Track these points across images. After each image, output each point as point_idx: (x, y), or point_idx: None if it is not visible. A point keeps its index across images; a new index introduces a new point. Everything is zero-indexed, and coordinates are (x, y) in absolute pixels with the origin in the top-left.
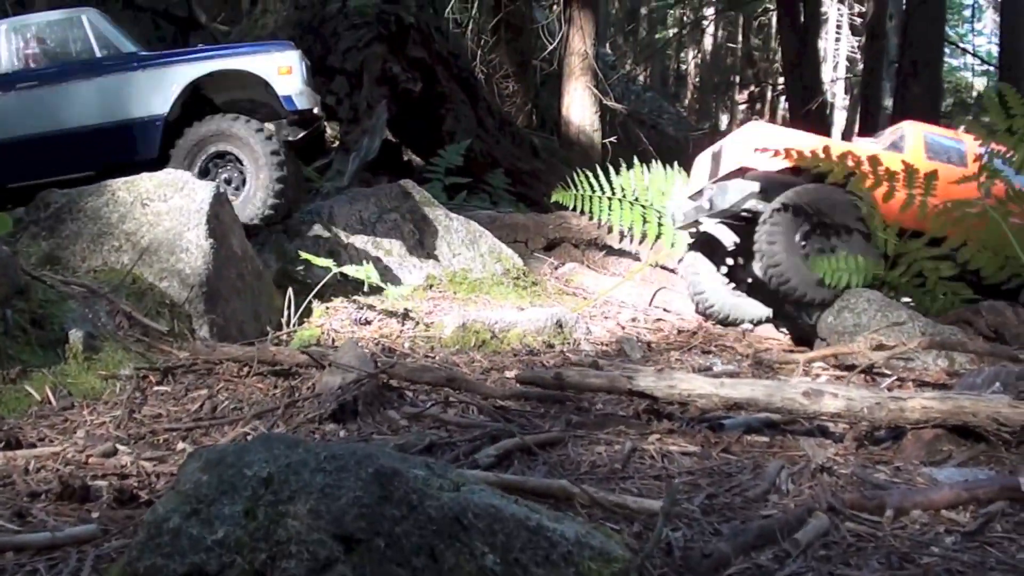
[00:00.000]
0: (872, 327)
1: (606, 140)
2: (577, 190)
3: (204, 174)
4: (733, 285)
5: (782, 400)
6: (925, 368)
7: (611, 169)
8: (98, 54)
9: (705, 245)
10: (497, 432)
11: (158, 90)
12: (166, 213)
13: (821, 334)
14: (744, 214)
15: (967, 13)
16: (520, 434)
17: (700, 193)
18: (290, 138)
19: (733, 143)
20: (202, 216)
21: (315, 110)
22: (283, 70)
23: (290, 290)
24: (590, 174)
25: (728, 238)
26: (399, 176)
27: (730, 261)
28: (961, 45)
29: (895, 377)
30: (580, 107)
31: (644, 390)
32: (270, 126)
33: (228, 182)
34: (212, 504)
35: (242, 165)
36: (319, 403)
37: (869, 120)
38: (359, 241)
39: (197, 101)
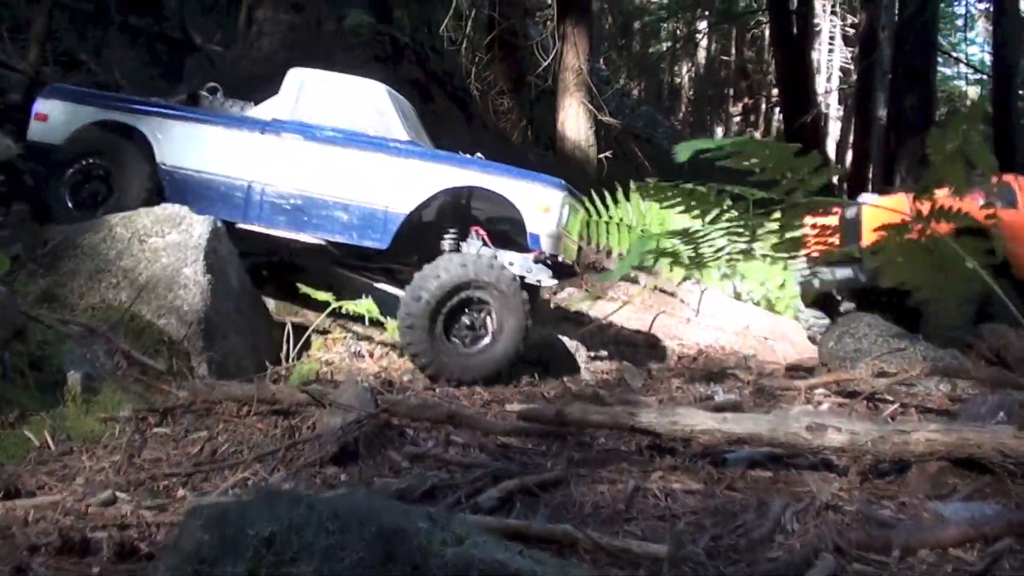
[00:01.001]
0: (873, 352)
1: (602, 155)
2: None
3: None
4: None
5: (785, 435)
6: (928, 394)
7: (606, 193)
8: (374, 133)
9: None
10: (499, 472)
11: (411, 185)
12: (164, 249)
13: (822, 359)
14: None
15: (959, 22)
16: (522, 475)
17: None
18: (537, 281)
19: (873, 213)
20: (200, 251)
21: (560, 258)
22: (542, 208)
23: (289, 324)
24: (585, 199)
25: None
26: None
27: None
28: (954, 54)
29: (897, 404)
30: (575, 123)
31: (647, 427)
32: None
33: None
34: (215, 565)
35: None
36: (320, 445)
37: (863, 130)
38: (356, 272)
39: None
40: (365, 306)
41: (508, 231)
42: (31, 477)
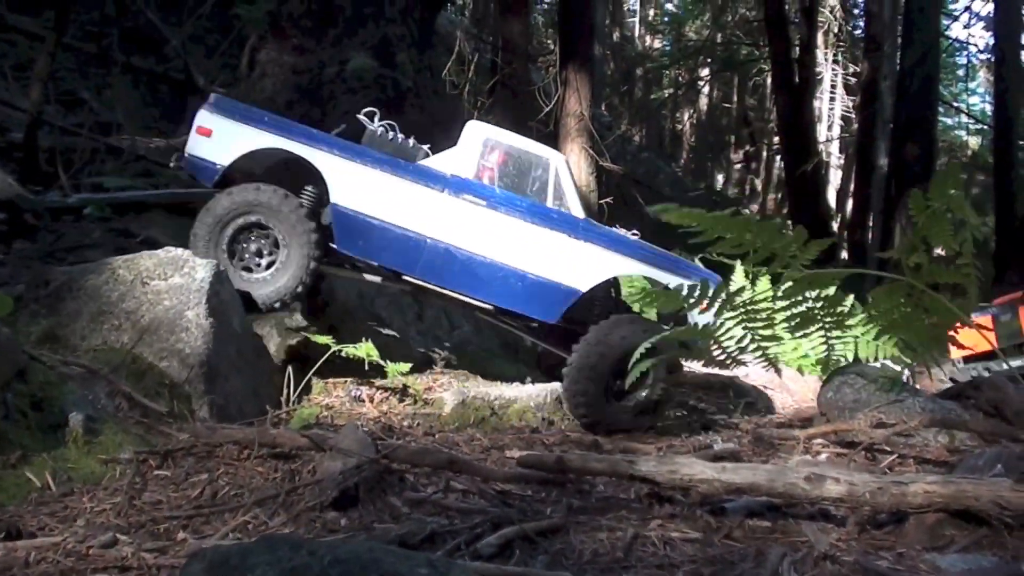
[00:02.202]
0: (872, 403)
1: (603, 201)
2: None
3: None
4: None
5: (784, 485)
6: (925, 445)
7: None
8: (550, 204)
9: None
10: (498, 519)
11: (589, 267)
12: (166, 292)
13: (820, 409)
14: None
15: (961, 72)
16: (521, 522)
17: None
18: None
19: None
20: (202, 295)
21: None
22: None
23: (289, 368)
24: None
25: None
26: None
27: None
28: (955, 104)
29: (895, 455)
30: (576, 168)
31: (646, 475)
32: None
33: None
34: None
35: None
36: (320, 490)
37: (864, 179)
38: (358, 316)
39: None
40: (364, 349)
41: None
42: (32, 518)
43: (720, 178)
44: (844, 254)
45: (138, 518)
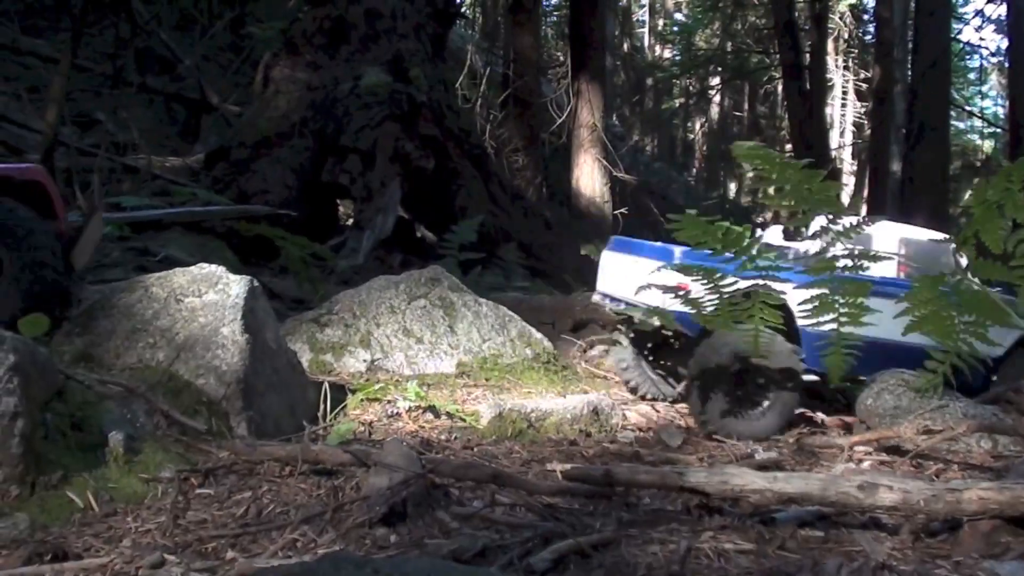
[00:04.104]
0: (912, 409)
1: (617, 211)
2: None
3: None
4: None
5: (836, 494)
6: (968, 451)
7: None
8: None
9: None
10: (548, 533)
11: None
12: (201, 309)
13: (860, 416)
14: None
15: (973, 76)
16: (573, 536)
17: None
18: None
19: None
20: (237, 311)
21: None
22: None
23: (326, 383)
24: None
25: None
26: (412, 253)
27: None
28: (968, 108)
29: (940, 461)
30: (590, 179)
31: (696, 486)
32: None
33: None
34: None
35: None
36: (367, 506)
37: (877, 185)
38: (390, 329)
39: None
40: (412, 391)
41: None
42: (77, 539)
43: (732, 187)
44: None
45: (184, 537)
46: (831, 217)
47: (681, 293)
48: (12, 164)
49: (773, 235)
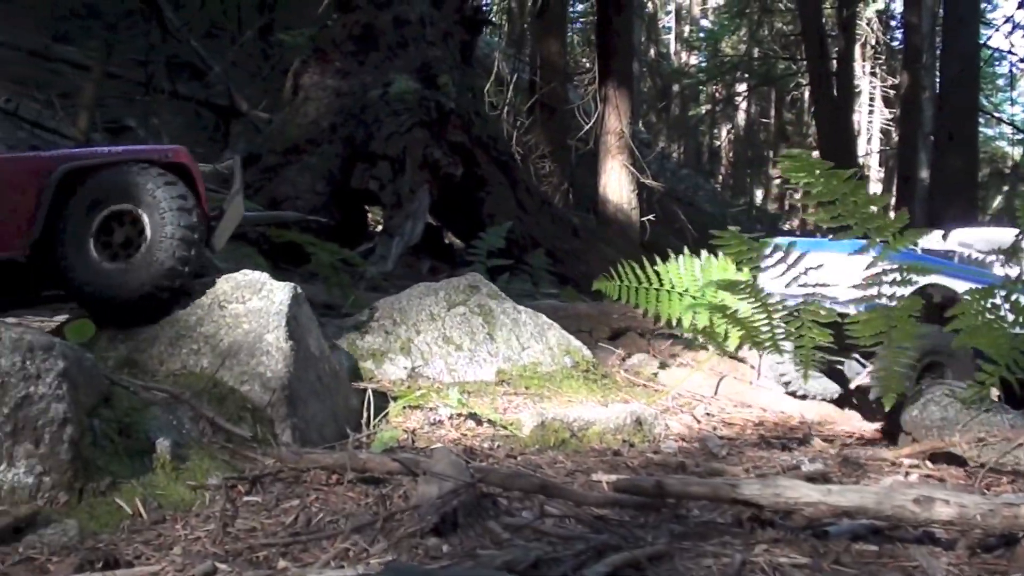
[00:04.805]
0: (960, 421)
1: (644, 218)
2: (621, 281)
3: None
4: None
5: (892, 508)
6: (1018, 463)
7: (657, 259)
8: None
9: None
10: (601, 545)
11: None
12: (244, 315)
13: (906, 428)
14: None
15: (1001, 82)
16: (626, 549)
17: None
18: None
19: None
20: (281, 317)
21: None
22: None
23: (369, 390)
24: (635, 265)
25: None
26: (440, 259)
27: None
28: (996, 114)
29: (992, 474)
30: (617, 185)
31: (749, 498)
32: None
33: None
34: None
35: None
36: (419, 515)
37: (905, 192)
38: (430, 336)
39: None
40: (454, 399)
41: None
42: (127, 546)
43: (759, 193)
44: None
45: (234, 546)
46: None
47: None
48: (156, 146)
49: (932, 240)
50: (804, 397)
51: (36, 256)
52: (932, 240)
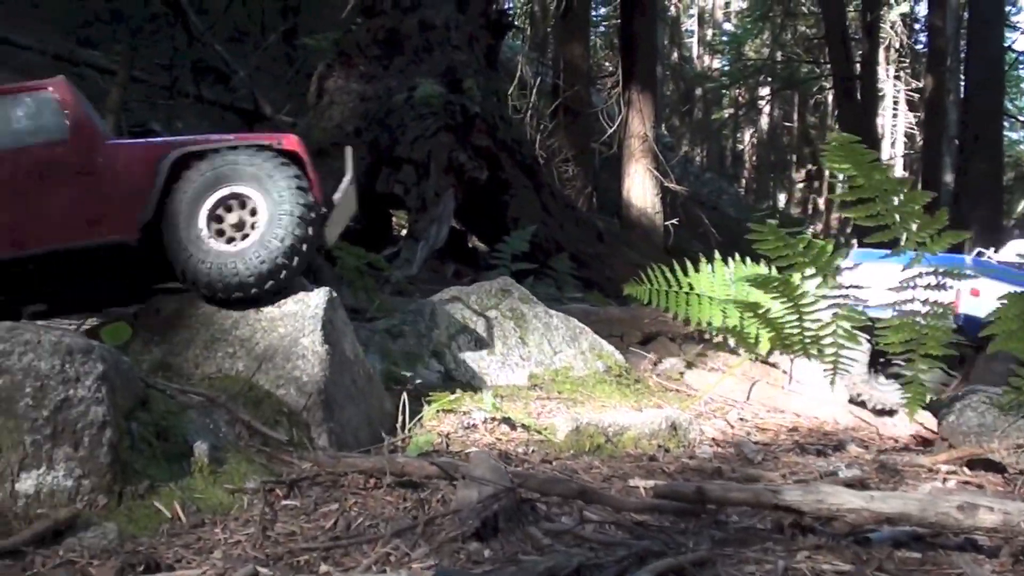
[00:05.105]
0: (997, 427)
1: (668, 222)
2: (651, 284)
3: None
4: None
5: (936, 515)
6: None
7: (686, 262)
8: None
9: None
10: (642, 551)
11: None
12: (280, 319)
13: (942, 434)
14: None
15: None
16: (668, 555)
17: None
18: None
19: None
20: (317, 322)
21: None
22: None
23: (404, 395)
24: (665, 268)
25: None
26: (465, 263)
27: None
28: (1021, 118)
29: None
30: (641, 189)
31: (791, 505)
32: None
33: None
34: None
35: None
36: (459, 520)
37: None
38: (462, 340)
39: None
40: (488, 403)
41: None
42: (167, 550)
43: (782, 197)
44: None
45: (275, 550)
46: None
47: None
48: (270, 133)
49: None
50: (883, 412)
51: (146, 239)
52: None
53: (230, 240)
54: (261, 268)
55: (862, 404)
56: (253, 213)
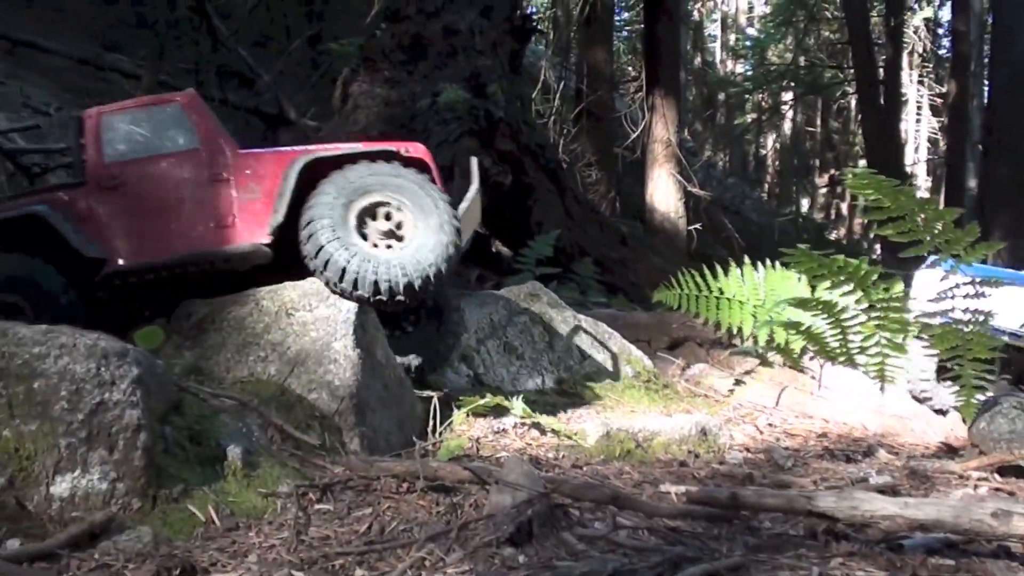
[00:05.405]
0: None
1: (691, 227)
2: (681, 289)
3: None
4: None
5: (970, 522)
6: None
7: (716, 266)
8: None
9: None
10: (676, 557)
11: None
12: (312, 323)
13: (973, 440)
14: None
15: None
16: (702, 561)
17: None
18: None
19: None
20: (349, 326)
21: None
22: None
23: (435, 399)
24: (695, 273)
25: None
26: (488, 268)
27: None
28: None
29: None
30: (664, 194)
31: (825, 511)
32: None
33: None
34: None
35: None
36: (493, 525)
37: (953, 202)
38: (491, 344)
39: None
40: (519, 407)
41: None
42: (202, 553)
43: (805, 203)
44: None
45: (309, 554)
46: None
47: None
48: (399, 141)
49: None
50: (943, 412)
51: (278, 242)
52: None
53: (388, 247)
54: (425, 273)
55: (924, 401)
56: (400, 226)
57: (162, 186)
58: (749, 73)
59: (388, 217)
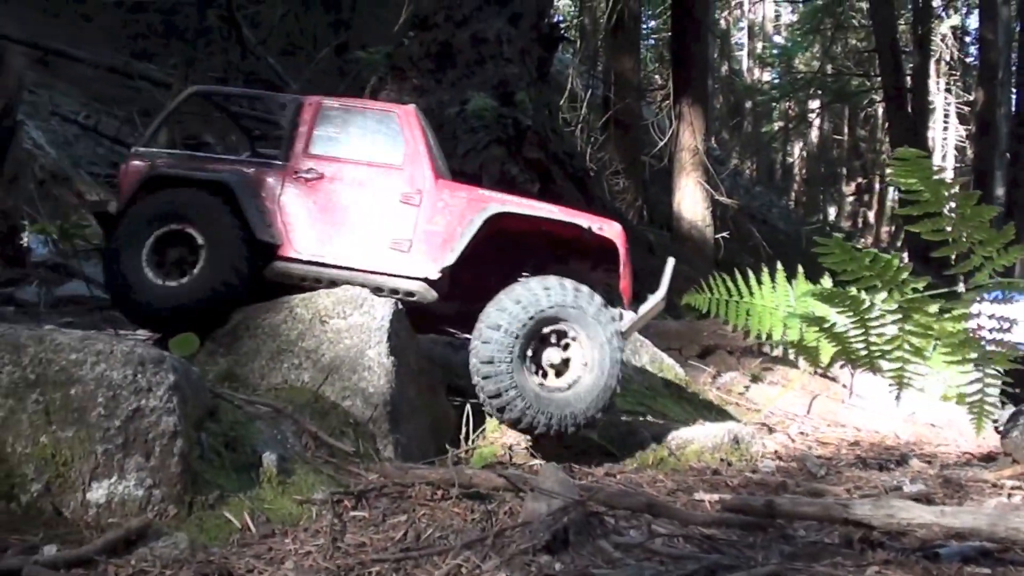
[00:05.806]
0: None
1: (718, 235)
2: (712, 294)
3: None
4: None
5: (1006, 530)
6: None
7: (748, 273)
8: None
9: None
10: (713, 565)
11: None
12: (346, 330)
13: (1006, 449)
14: None
15: None
16: (738, 569)
17: None
18: None
19: None
20: (383, 333)
21: None
22: None
23: (468, 406)
24: (727, 277)
25: None
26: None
27: None
28: None
29: None
30: (692, 202)
31: (861, 519)
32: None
33: None
34: None
35: None
36: (529, 532)
37: None
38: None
39: None
40: None
41: None
42: (239, 560)
43: (832, 211)
44: (961, 286)
45: (346, 561)
46: None
47: None
48: (593, 216)
49: None
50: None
51: (441, 280)
52: None
53: (559, 375)
54: (590, 417)
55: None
56: (567, 348)
57: (355, 193)
58: (776, 81)
59: (563, 346)
